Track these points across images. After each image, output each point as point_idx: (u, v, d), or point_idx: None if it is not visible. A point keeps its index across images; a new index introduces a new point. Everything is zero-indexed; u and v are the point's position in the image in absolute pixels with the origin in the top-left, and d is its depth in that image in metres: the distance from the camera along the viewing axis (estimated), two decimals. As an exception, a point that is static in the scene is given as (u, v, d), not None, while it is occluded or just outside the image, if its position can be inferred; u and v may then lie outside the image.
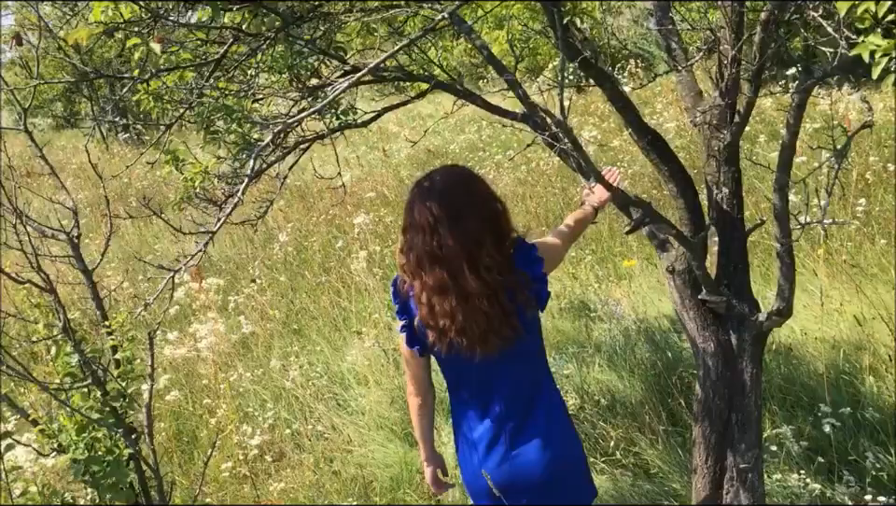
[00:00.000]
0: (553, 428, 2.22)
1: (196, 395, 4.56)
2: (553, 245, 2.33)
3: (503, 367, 2.17)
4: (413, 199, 2.14)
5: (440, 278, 2.06)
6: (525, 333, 2.13)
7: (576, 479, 2.29)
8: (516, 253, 2.15)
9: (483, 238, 2.06)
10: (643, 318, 4.47)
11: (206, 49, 2.26)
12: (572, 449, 2.28)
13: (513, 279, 2.09)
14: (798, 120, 2.16)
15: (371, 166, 9.84)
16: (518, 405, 2.19)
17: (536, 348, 2.25)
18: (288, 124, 1.58)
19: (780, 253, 2.37)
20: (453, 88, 3.11)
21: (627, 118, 2.61)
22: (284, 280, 6.41)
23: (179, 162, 2.44)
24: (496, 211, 2.14)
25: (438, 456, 2.56)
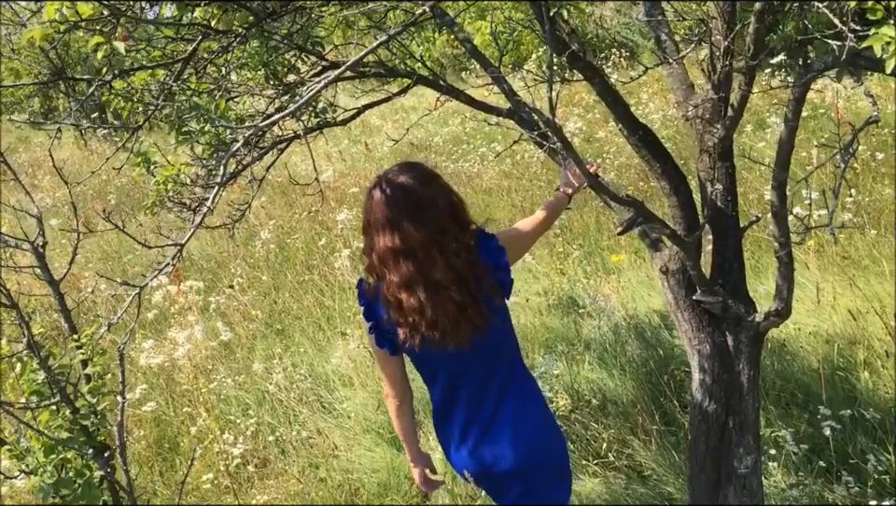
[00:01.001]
0: (525, 416, 2.25)
1: (177, 400, 4.44)
2: (516, 234, 2.34)
3: (475, 358, 2.19)
4: (370, 198, 2.14)
5: (406, 273, 2.06)
6: (495, 321, 2.14)
7: (554, 463, 2.31)
8: (478, 244, 2.16)
9: (447, 225, 2.08)
10: (633, 314, 4.39)
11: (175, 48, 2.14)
12: (546, 435, 2.29)
13: (479, 268, 2.10)
14: (797, 115, 2.07)
15: (353, 161, 9.71)
16: (491, 395, 2.22)
17: (506, 337, 2.26)
18: (261, 128, 1.47)
19: (779, 252, 2.28)
20: (436, 83, 3.00)
21: (617, 113, 2.52)
22: (266, 279, 6.29)
23: (151, 165, 2.32)
24: (454, 203, 2.16)
25: (424, 456, 2.54)
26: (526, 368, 2.36)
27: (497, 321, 2.16)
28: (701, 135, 2.56)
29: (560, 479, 2.34)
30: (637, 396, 3.65)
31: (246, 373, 4.74)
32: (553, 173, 7.12)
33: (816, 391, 3.40)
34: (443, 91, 3.00)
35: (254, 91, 2.80)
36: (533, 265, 5.31)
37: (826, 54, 1.95)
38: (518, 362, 2.32)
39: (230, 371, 4.79)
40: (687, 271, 2.50)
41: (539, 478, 2.28)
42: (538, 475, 2.27)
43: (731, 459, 2.50)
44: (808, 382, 3.48)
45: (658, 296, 4.64)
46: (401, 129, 10.85)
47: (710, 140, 2.53)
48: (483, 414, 2.23)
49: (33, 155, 14.79)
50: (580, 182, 2.61)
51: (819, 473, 2.85)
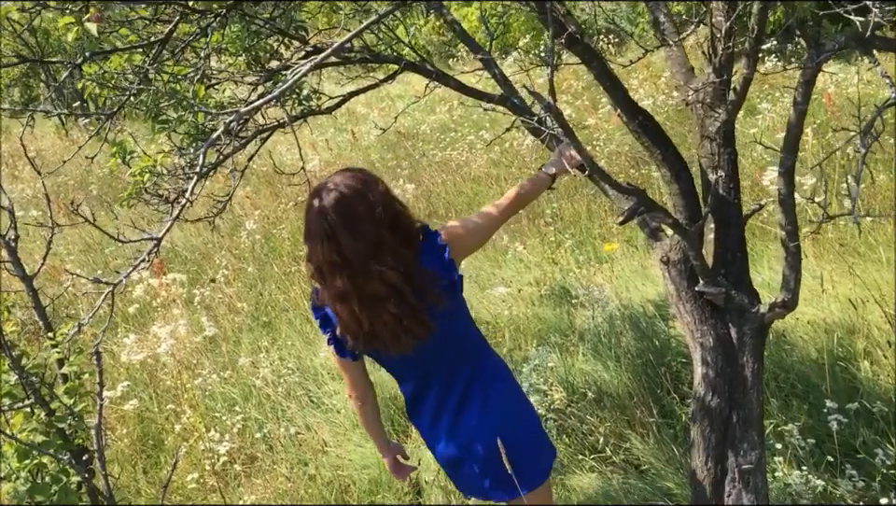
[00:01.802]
0: (493, 400, 2.28)
1: (161, 396, 4.33)
2: (471, 225, 2.29)
3: (436, 357, 2.22)
4: (309, 208, 2.10)
5: (340, 287, 2.05)
6: (444, 325, 2.14)
7: (528, 442, 2.33)
8: (423, 243, 2.16)
9: (383, 238, 2.04)
10: (627, 304, 4.31)
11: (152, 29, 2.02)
12: (516, 417, 2.32)
13: (420, 278, 2.08)
14: (807, 98, 1.99)
15: (340, 149, 9.57)
16: (458, 385, 2.26)
17: (464, 331, 2.28)
18: (242, 115, 1.37)
19: (785, 241, 2.20)
20: (424, 69, 2.90)
21: (616, 97, 2.42)
22: (252, 270, 6.17)
23: (127, 155, 2.20)
24: (395, 212, 2.11)
25: (394, 445, 2.60)
26: (493, 352, 2.39)
27: (447, 324, 2.16)
28: (702, 120, 2.47)
29: (537, 454, 2.37)
30: (634, 388, 3.57)
31: (232, 368, 4.63)
32: (542, 161, 7.02)
33: (815, 382, 3.34)
34: (432, 77, 2.89)
35: (235, 78, 2.68)
36: (525, 255, 5.22)
37: (838, 34, 1.86)
38: (484, 351, 2.34)
39: (215, 365, 4.68)
40: (688, 261, 2.42)
41: (515, 454, 2.25)
42: (513, 453, 2.23)
43: (734, 455, 2.42)
44: (807, 372, 3.42)
45: (652, 285, 4.56)
46: (388, 116, 10.72)
47: (712, 125, 2.44)
48: (452, 403, 2.27)
49: (13, 145, 14.53)
50: (571, 165, 2.50)
51: (824, 467, 2.78)
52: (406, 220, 2.14)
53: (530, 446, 2.34)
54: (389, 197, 2.12)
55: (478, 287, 4.90)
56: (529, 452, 2.33)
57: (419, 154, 8.15)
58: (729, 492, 2.44)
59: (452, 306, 2.16)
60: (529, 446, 2.33)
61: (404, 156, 8.26)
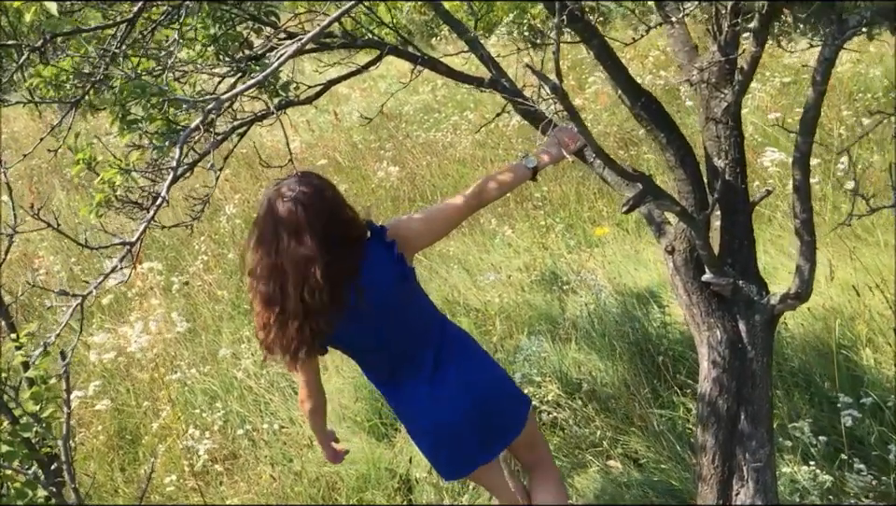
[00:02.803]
0: (465, 363, 2.39)
1: (138, 388, 4.17)
2: (420, 225, 2.33)
3: (401, 336, 2.31)
4: (261, 208, 2.19)
5: (270, 291, 2.13)
6: (403, 310, 2.28)
7: (506, 391, 2.47)
8: (370, 242, 2.23)
9: (315, 257, 2.08)
10: (621, 290, 4.20)
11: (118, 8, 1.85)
12: (489, 371, 2.45)
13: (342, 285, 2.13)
14: (827, 77, 1.86)
15: (321, 130, 9.36)
16: (428, 359, 2.34)
17: (422, 313, 2.38)
18: (223, 101, 1.22)
19: (800, 231, 2.08)
20: (408, 53, 2.76)
21: (617, 78, 2.28)
22: (232, 256, 5.99)
23: (93, 162, 2.04)
24: (341, 222, 2.18)
25: (330, 433, 2.68)
26: (454, 325, 2.53)
27: (404, 311, 2.28)
28: (707, 102, 2.34)
29: (517, 399, 2.51)
30: (630, 378, 3.47)
31: (213, 359, 4.48)
32: (528, 143, 6.88)
33: (818, 371, 3.24)
34: (417, 61, 2.75)
35: (203, 70, 2.51)
36: (513, 239, 5.09)
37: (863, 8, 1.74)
38: (446, 325, 2.45)
39: (195, 356, 4.52)
40: (694, 250, 2.30)
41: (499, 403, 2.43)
42: (496, 402, 2.42)
43: (742, 453, 2.32)
44: (809, 361, 3.32)
45: (645, 270, 4.45)
46: (370, 98, 10.52)
47: (717, 106, 2.31)
48: (425, 375, 2.34)
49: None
50: (569, 150, 2.38)
51: (832, 462, 2.68)
52: (354, 226, 2.21)
53: (509, 393, 2.48)
54: (336, 206, 2.18)
55: (467, 273, 4.77)
56: (509, 398, 2.47)
57: (403, 135, 7.97)
58: (737, 491, 2.34)
59: (404, 296, 2.28)
60: (508, 393, 2.48)
61: (387, 137, 8.08)
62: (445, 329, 2.43)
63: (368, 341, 2.30)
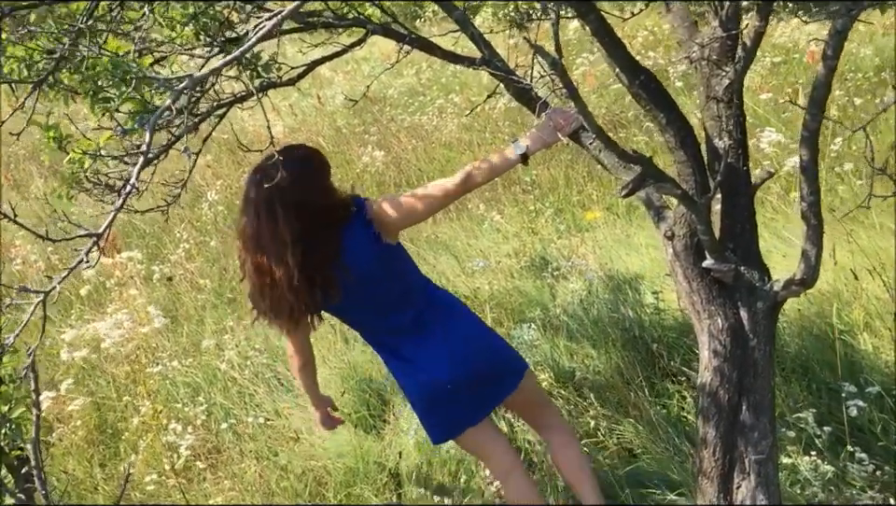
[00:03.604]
0: (456, 323, 2.45)
1: (118, 381, 4.05)
2: (402, 209, 2.31)
3: (388, 305, 2.38)
4: (248, 180, 2.30)
5: (260, 261, 2.22)
6: (389, 281, 2.35)
7: (493, 348, 2.51)
8: (353, 217, 2.29)
9: (289, 241, 2.17)
10: (612, 276, 4.11)
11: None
12: (479, 327, 2.52)
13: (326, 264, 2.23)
14: (838, 52, 1.76)
15: (304, 115, 9.21)
16: (411, 321, 2.40)
17: (408, 284, 2.43)
18: (197, 79, 1.11)
19: (806, 213, 2.00)
20: (395, 32, 2.64)
21: (615, 55, 2.17)
22: (215, 244, 5.86)
23: (63, 140, 1.91)
24: (319, 206, 2.24)
25: (325, 398, 2.77)
26: (445, 291, 2.61)
27: (390, 282, 2.35)
28: (707, 80, 2.24)
29: (511, 352, 2.58)
30: (624, 366, 3.38)
31: (196, 350, 4.37)
32: (516, 126, 6.77)
33: (816, 357, 3.17)
34: (404, 41, 2.63)
35: (180, 52, 2.38)
36: (502, 224, 4.99)
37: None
38: (435, 292, 2.52)
39: (177, 347, 4.40)
40: (694, 236, 2.21)
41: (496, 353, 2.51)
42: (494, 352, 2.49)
43: (744, 444, 2.24)
44: (806, 347, 3.25)
45: (637, 255, 4.37)
46: (353, 80, 10.36)
47: (718, 85, 2.22)
48: (413, 338, 2.41)
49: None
50: (564, 133, 2.29)
51: (833, 452, 2.61)
52: (333, 209, 2.27)
53: (497, 352, 2.51)
54: (318, 188, 2.26)
55: (455, 260, 4.67)
56: (497, 356, 2.50)
57: (387, 119, 7.84)
58: (738, 484, 2.26)
59: (386, 270, 2.34)
60: (496, 352, 2.51)
61: (372, 121, 7.95)
62: (431, 293, 2.49)
63: (355, 310, 2.42)
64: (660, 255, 4.24)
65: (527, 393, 2.57)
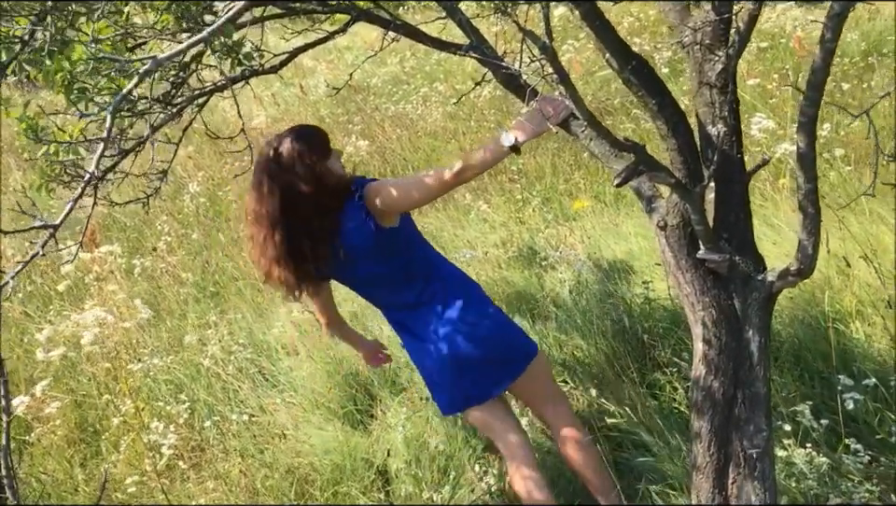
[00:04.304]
0: (454, 298, 2.47)
1: (98, 378, 3.97)
2: (396, 194, 2.34)
3: (395, 281, 2.47)
4: (257, 158, 2.41)
5: (255, 235, 2.39)
6: (393, 258, 2.43)
7: (498, 330, 2.51)
8: (350, 199, 2.37)
9: (278, 221, 2.33)
10: (601, 265, 4.06)
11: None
12: (480, 308, 2.51)
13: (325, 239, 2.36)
14: (837, 35, 1.70)
15: (287, 105, 9.09)
16: (414, 297, 2.47)
17: (411, 261, 2.48)
18: (160, 61, 1.04)
19: (803, 202, 1.94)
20: (381, 18, 2.57)
21: (606, 41, 2.10)
22: (197, 237, 5.76)
23: (38, 131, 1.83)
24: (322, 175, 2.35)
25: (371, 341, 2.92)
26: (453, 266, 2.63)
27: (393, 259, 2.43)
28: (700, 65, 2.18)
29: (514, 344, 2.57)
30: (614, 357, 3.33)
31: (178, 345, 4.29)
32: (501, 114, 6.70)
33: (808, 345, 3.13)
34: (390, 28, 2.56)
35: (162, 37, 2.30)
36: (489, 214, 4.92)
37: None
38: (443, 268, 2.56)
39: (159, 343, 4.32)
40: (688, 225, 2.15)
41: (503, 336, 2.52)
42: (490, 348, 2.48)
43: (740, 439, 2.19)
44: (797, 335, 3.21)
45: (625, 244, 4.32)
46: (336, 69, 10.24)
47: (711, 70, 2.15)
48: (417, 313, 2.48)
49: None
50: (554, 121, 2.23)
51: (828, 443, 2.56)
52: (327, 189, 2.35)
53: (503, 335, 2.53)
54: (313, 166, 2.34)
55: (442, 250, 4.60)
56: (502, 339, 2.52)
57: (371, 108, 7.74)
58: (733, 478, 2.22)
59: (382, 249, 2.39)
60: (501, 334, 2.52)
61: (355, 111, 7.85)
62: (439, 271, 2.53)
63: (361, 286, 2.57)
64: (649, 243, 4.19)
65: (536, 380, 2.57)
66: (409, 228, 2.50)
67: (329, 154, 2.43)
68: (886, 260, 3.45)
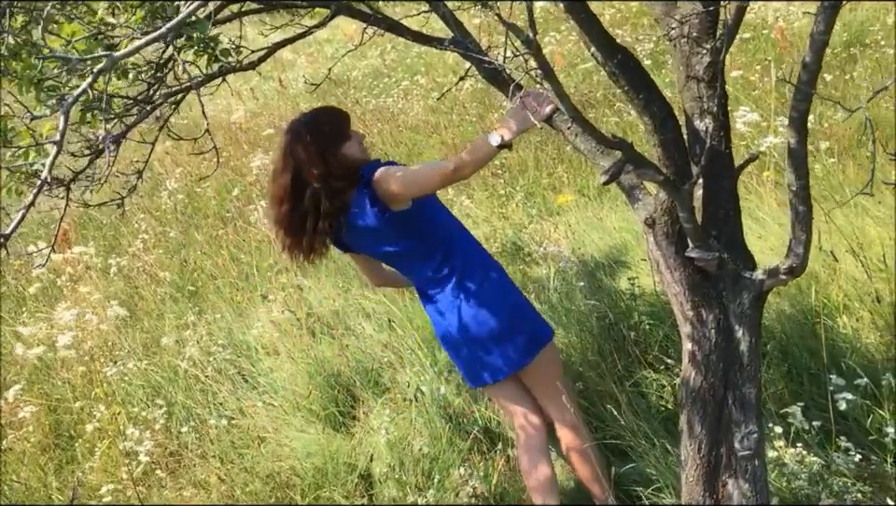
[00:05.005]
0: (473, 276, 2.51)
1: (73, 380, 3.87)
2: (407, 180, 2.37)
3: (409, 257, 2.55)
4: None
5: (272, 203, 2.54)
6: (403, 238, 2.49)
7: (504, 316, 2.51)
8: (363, 181, 2.42)
9: (284, 197, 2.46)
10: (585, 260, 4.01)
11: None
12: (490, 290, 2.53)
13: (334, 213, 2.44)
14: (829, 26, 1.64)
15: (266, 98, 8.98)
16: (430, 273, 2.54)
17: (409, 246, 2.52)
18: (117, 59, 0.96)
19: (794, 199, 1.89)
20: (361, 12, 2.50)
21: (591, 33, 2.03)
22: (175, 235, 5.66)
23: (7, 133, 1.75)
24: (316, 166, 2.42)
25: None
26: (470, 248, 2.60)
27: (403, 241, 2.49)
28: (687, 58, 2.12)
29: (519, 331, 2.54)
30: (599, 354, 3.28)
31: (156, 346, 4.20)
32: (482, 107, 6.63)
33: (795, 341, 3.10)
34: (371, 22, 2.49)
35: (136, 36, 2.22)
36: (472, 209, 4.86)
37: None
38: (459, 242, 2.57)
39: (136, 343, 4.22)
40: (676, 223, 2.09)
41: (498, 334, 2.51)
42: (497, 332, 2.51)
43: (731, 441, 2.14)
44: (784, 330, 3.17)
45: (609, 238, 4.27)
46: (316, 63, 10.13)
47: (699, 63, 2.10)
48: (436, 292, 2.55)
49: None
50: (539, 117, 2.17)
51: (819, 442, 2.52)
52: (341, 168, 2.43)
53: (523, 309, 2.56)
54: (322, 148, 2.42)
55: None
56: (525, 312, 2.56)
57: (351, 102, 7.65)
58: (724, 482, 2.17)
59: (390, 231, 2.45)
60: (522, 309, 2.56)
61: (336, 104, 7.75)
62: (458, 247, 2.55)
63: (382, 258, 2.66)
64: (633, 238, 4.15)
65: (543, 369, 2.58)
66: (424, 208, 2.50)
67: (343, 138, 2.48)
68: (871, 254, 3.43)
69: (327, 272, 4.51)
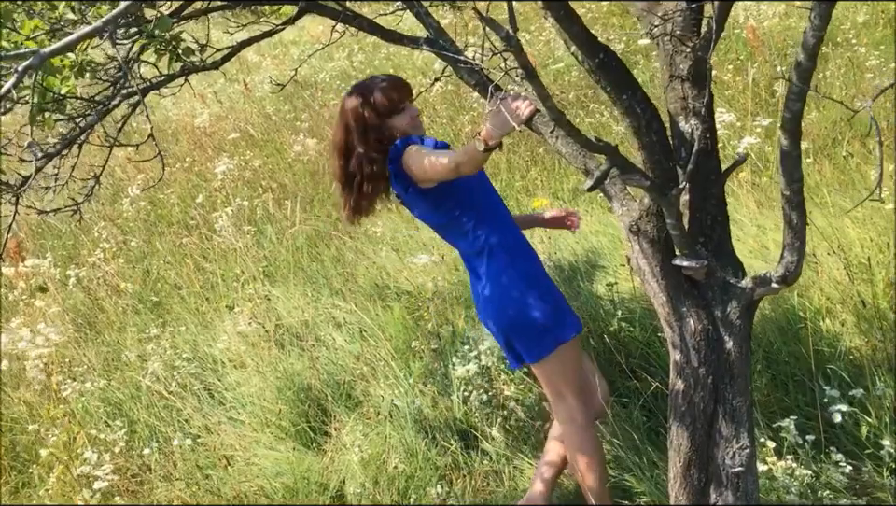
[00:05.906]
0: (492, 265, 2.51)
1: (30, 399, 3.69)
2: (421, 166, 2.39)
3: (442, 232, 2.66)
4: None
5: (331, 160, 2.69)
6: (427, 214, 2.59)
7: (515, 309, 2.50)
8: (394, 157, 2.47)
9: (342, 151, 2.57)
10: (562, 266, 3.91)
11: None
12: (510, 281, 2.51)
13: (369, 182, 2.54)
14: (825, 21, 1.55)
15: (231, 102, 8.78)
16: (468, 248, 2.57)
17: (434, 221, 2.62)
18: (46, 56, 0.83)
19: (787, 205, 1.80)
20: (330, 9, 2.38)
21: (571, 32, 1.92)
22: (137, 243, 5.47)
23: None
24: (355, 140, 2.52)
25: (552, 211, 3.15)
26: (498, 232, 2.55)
27: (427, 216, 2.59)
28: (671, 57, 2.03)
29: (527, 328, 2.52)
30: (579, 363, 3.18)
31: (117, 359, 4.02)
32: (453, 109, 6.52)
33: (777, 347, 3.02)
34: (340, 19, 2.37)
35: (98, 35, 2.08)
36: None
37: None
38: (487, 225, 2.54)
39: (97, 358, 4.05)
40: (663, 230, 2.00)
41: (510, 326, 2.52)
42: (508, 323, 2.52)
43: (721, 456, 2.05)
44: (768, 336, 3.10)
45: (585, 242, 4.17)
46: (282, 65, 9.94)
47: (683, 63, 2.01)
48: (471, 265, 2.60)
49: None
50: (519, 120, 2.06)
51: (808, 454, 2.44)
52: (381, 139, 2.50)
53: (520, 315, 2.49)
54: (362, 123, 2.51)
55: (396, 254, 4.41)
56: (518, 319, 2.49)
57: (319, 105, 7.49)
58: (715, 499, 2.08)
59: (420, 203, 2.53)
60: (519, 314, 2.49)
61: (303, 107, 7.59)
62: (490, 230, 2.53)
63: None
64: (610, 242, 4.06)
65: (545, 373, 2.55)
66: (451, 188, 2.47)
67: (392, 111, 2.51)
68: (852, 256, 3.37)
69: (296, 281, 4.37)
